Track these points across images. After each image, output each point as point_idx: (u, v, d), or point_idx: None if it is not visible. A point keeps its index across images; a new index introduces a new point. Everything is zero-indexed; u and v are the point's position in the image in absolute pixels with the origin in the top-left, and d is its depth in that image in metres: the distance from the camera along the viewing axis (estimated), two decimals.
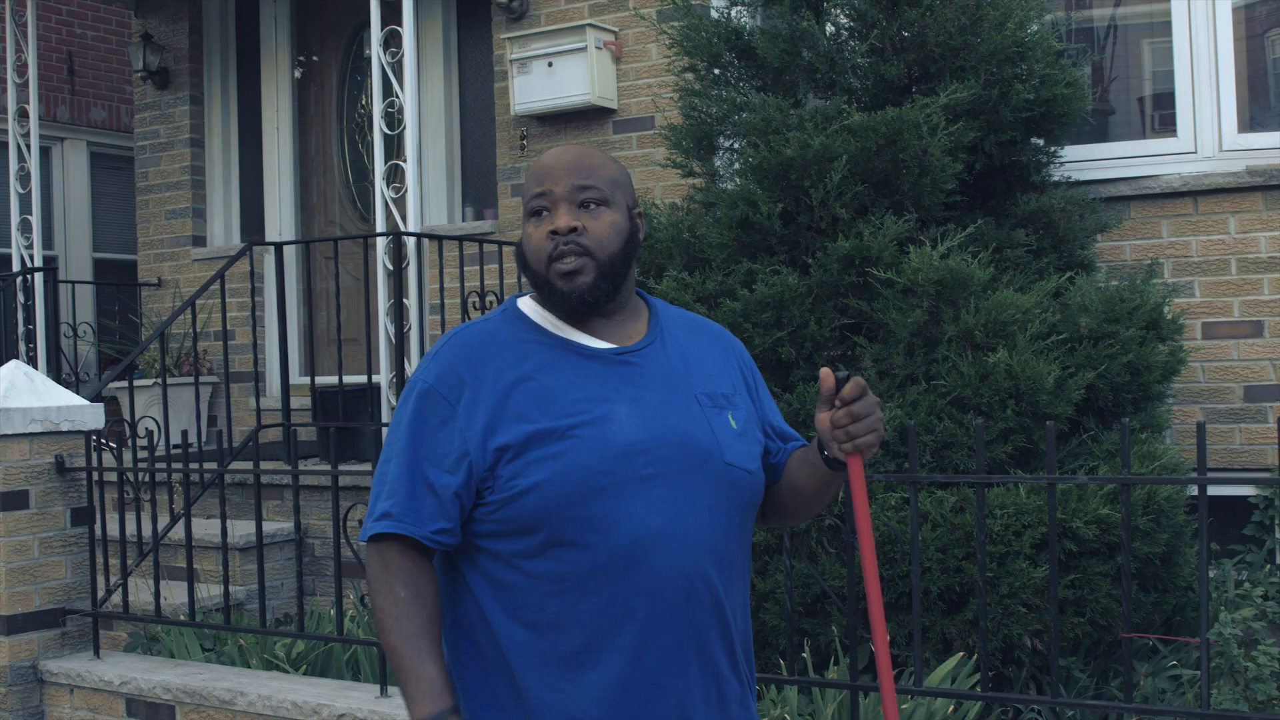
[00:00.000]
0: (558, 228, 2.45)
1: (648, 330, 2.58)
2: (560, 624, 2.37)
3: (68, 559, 6.09)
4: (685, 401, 2.50)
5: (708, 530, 2.43)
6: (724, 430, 2.50)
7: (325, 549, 7.21)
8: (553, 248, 2.45)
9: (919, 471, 4.22)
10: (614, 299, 2.52)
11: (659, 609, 2.37)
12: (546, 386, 2.43)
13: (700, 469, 2.43)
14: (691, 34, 6.01)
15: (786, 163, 5.34)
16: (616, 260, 2.49)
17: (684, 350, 2.59)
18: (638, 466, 2.38)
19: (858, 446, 2.43)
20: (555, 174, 2.49)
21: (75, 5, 12.48)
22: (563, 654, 2.38)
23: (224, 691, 5.42)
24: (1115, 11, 6.96)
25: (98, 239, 12.61)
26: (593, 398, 2.43)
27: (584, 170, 2.49)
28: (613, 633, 2.37)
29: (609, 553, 2.35)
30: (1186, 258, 6.44)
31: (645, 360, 2.52)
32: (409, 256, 7.34)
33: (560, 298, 2.47)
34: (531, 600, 2.39)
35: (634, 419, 2.42)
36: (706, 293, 5.38)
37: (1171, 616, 5.41)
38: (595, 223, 2.47)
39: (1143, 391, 5.38)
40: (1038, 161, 6.05)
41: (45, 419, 5.97)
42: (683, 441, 2.44)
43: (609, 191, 2.50)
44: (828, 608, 5.08)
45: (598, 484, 2.35)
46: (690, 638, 2.41)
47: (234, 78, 10.44)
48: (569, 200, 2.47)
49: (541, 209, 2.49)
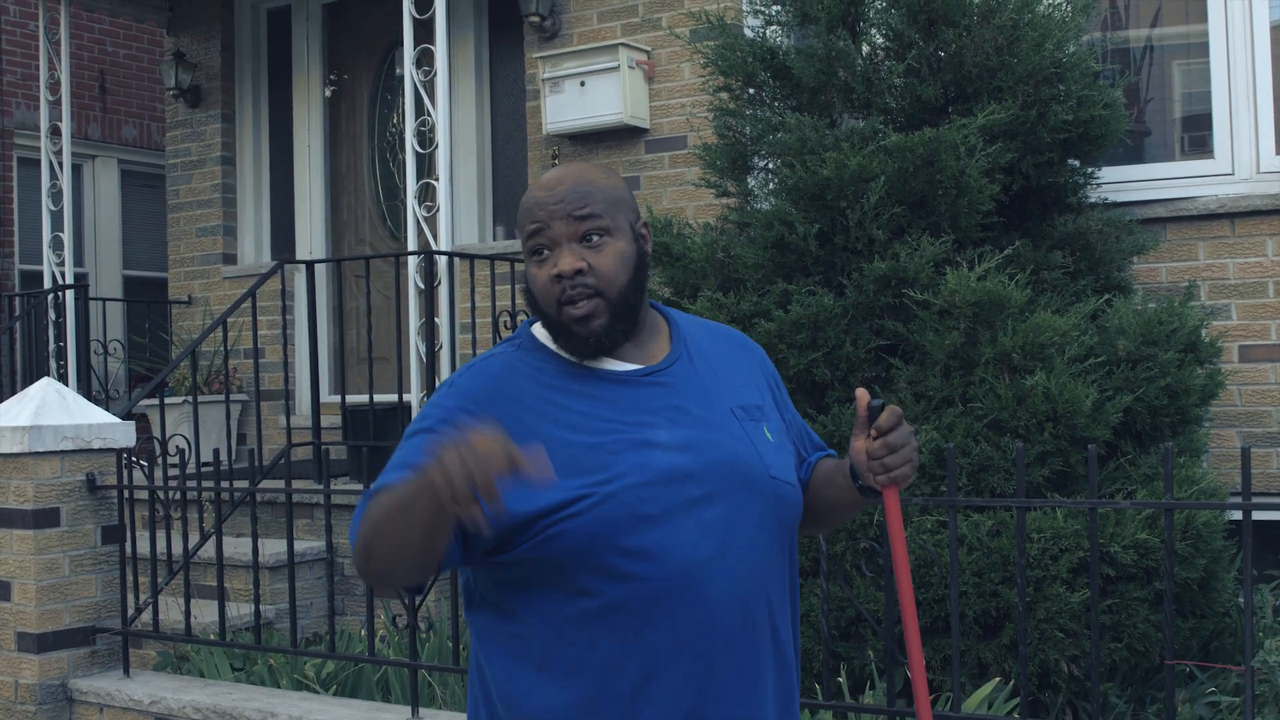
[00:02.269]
0: (561, 271, 2.31)
1: (671, 346, 2.47)
2: (616, 662, 2.26)
3: (98, 577, 6.08)
4: (723, 417, 2.40)
5: (760, 551, 2.35)
6: (763, 444, 2.41)
7: (355, 568, 7.18)
8: (559, 292, 2.32)
9: (956, 495, 4.18)
10: (631, 333, 2.40)
11: (716, 637, 2.28)
12: (578, 416, 2.32)
13: (748, 487, 2.34)
14: (726, 53, 5.99)
15: (823, 183, 5.31)
16: (628, 293, 2.36)
17: (711, 362, 2.49)
18: (685, 490, 2.28)
19: (893, 479, 2.36)
20: (549, 208, 2.34)
21: (107, 23, 12.54)
22: (617, 695, 2.27)
23: (254, 712, 5.39)
24: (1151, 32, 6.93)
25: (128, 256, 12.66)
26: (628, 424, 2.32)
27: (580, 197, 2.34)
28: (670, 665, 2.26)
29: (662, 582, 2.24)
30: (1224, 280, 6.40)
31: (674, 378, 2.41)
32: (440, 275, 7.33)
33: (578, 343, 2.35)
34: (574, 647, 2.27)
35: (674, 441, 2.31)
36: (741, 313, 5.35)
37: (1209, 642, 5.36)
38: (600, 257, 2.34)
39: (1181, 415, 5.33)
40: (1074, 183, 6.01)
41: (76, 436, 5.97)
42: (728, 460, 2.34)
43: (609, 217, 2.36)
44: (863, 631, 5.04)
45: (644, 511, 2.25)
46: (749, 663, 2.33)
47: (265, 96, 10.47)
48: (569, 236, 2.33)
49: (541, 248, 2.35)
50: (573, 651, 2.28)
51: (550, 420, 2.31)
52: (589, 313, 2.32)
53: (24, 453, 5.82)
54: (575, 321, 2.33)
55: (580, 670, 2.28)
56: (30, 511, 5.84)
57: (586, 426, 2.31)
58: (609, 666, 2.26)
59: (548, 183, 2.38)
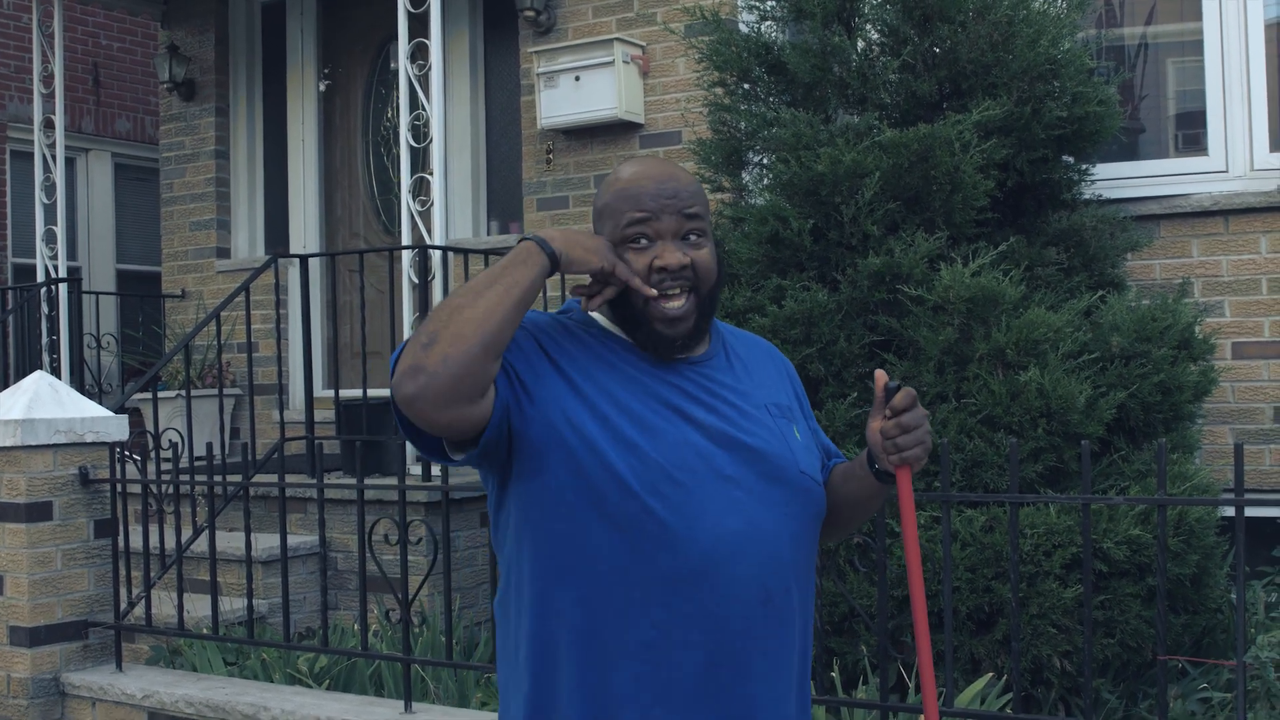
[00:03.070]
0: (668, 265, 2.37)
1: (710, 343, 2.53)
2: (632, 616, 2.31)
3: (90, 571, 6.07)
4: (757, 410, 2.47)
5: (785, 540, 2.40)
6: (793, 440, 2.48)
7: (348, 563, 7.19)
8: (656, 283, 2.38)
9: (950, 490, 4.18)
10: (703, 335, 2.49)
11: (734, 610, 2.33)
12: (627, 377, 2.39)
13: (778, 478, 2.40)
14: (721, 48, 5.99)
15: (817, 178, 5.31)
16: (715, 292, 2.46)
17: (746, 363, 2.56)
18: (719, 465, 2.34)
19: (905, 459, 2.40)
20: (662, 200, 2.39)
21: (101, 16, 12.52)
22: (632, 648, 2.32)
23: (247, 706, 5.39)
24: (1146, 30, 6.93)
25: (121, 250, 12.64)
26: (670, 400, 2.39)
27: (684, 195, 2.41)
28: (687, 631, 2.31)
29: (689, 542, 2.30)
30: (1217, 277, 6.40)
31: (714, 370, 2.48)
32: (434, 270, 7.32)
33: (660, 342, 2.41)
34: (601, 584, 2.32)
35: (711, 425, 2.38)
36: (735, 308, 5.35)
37: (1201, 638, 5.37)
38: (701, 255, 2.41)
39: (1174, 411, 5.34)
40: (1069, 179, 6.01)
41: (69, 430, 5.96)
42: (761, 449, 2.40)
43: (707, 220, 2.44)
44: (856, 627, 5.04)
45: (675, 477, 2.31)
46: (769, 643, 2.37)
47: (259, 90, 10.45)
48: (674, 232, 2.39)
49: (641, 236, 2.40)
50: (599, 589, 2.33)
51: (604, 372, 2.39)
52: (684, 314, 2.40)
53: (16, 446, 5.81)
54: (665, 321, 2.39)
55: (602, 611, 2.33)
56: (23, 505, 5.83)
57: (633, 392, 2.38)
58: (623, 618, 2.32)
59: (648, 171, 2.44)
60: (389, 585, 5.37)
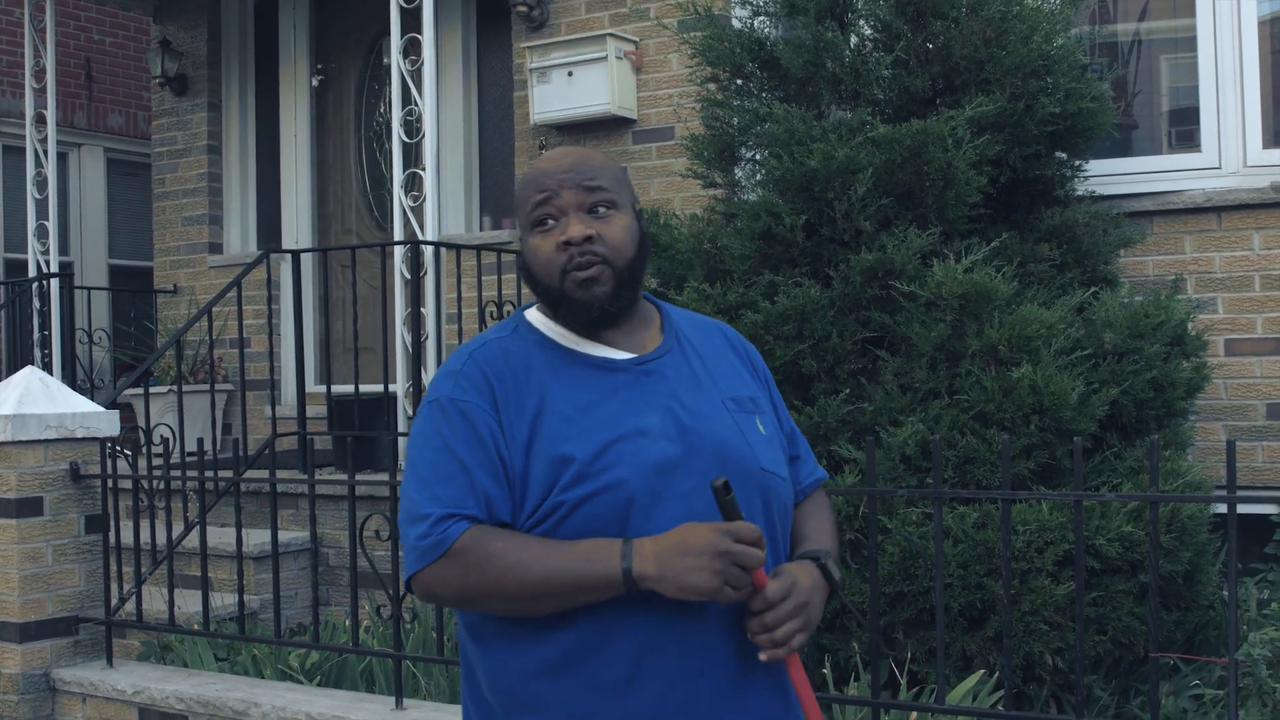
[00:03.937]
0: (571, 238, 2.32)
1: (663, 336, 2.47)
2: (607, 640, 2.27)
3: (81, 566, 6.06)
4: (714, 408, 2.39)
5: None
6: (754, 435, 2.41)
7: (340, 559, 7.18)
8: (566, 259, 2.33)
9: (942, 487, 4.17)
10: (630, 309, 2.42)
11: (705, 623, 2.29)
12: (573, 405, 2.31)
13: (739, 478, 2.32)
14: (714, 44, 5.98)
15: (810, 174, 5.30)
16: (634, 266, 2.38)
17: (702, 355, 2.48)
18: (676, 481, 2.28)
19: (791, 648, 2.29)
20: (558, 177, 2.36)
21: (94, 11, 12.49)
22: (610, 678, 2.28)
23: (238, 702, 5.38)
24: (1140, 26, 6.92)
25: (113, 245, 12.62)
26: (622, 413, 2.31)
27: (587, 171, 2.37)
28: (658, 647, 2.27)
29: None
30: (1210, 274, 6.40)
31: (666, 368, 2.41)
32: (427, 265, 7.31)
33: (578, 309, 2.35)
34: (560, 622, 2.28)
35: (667, 431, 2.31)
36: (728, 304, 5.34)
37: (1193, 635, 5.37)
38: (609, 228, 2.35)
39: (1166, 408, 5.34)
40: (1062, 175, 6.00)
41: (60, 425, 5.95)
42: (718, 451, 2.33)
43: (616, 192, 2.39)
44: (847, 623, 5.03)
45: (637, 501, 2.25)
46: (734, 651, 2.33)
47: (252, 85, 10.43)
48: (577, 206, 2.35)
49: (546, 218, 2.36)
50: (565, 627, 2.28)
51: (548, 408, 2.31)
52: (595, 276, 2.33)
53: (7, 441, 5.80)
54: (579, 285, 2.33)
55: (570, 653, 2.29)
56: (13, 500, 5.82)
57: (580, 413, 2.31)
58: (599, 645, 2.27)
59: (552, 157, 2.40)
60: (380, 581, 5.36)
